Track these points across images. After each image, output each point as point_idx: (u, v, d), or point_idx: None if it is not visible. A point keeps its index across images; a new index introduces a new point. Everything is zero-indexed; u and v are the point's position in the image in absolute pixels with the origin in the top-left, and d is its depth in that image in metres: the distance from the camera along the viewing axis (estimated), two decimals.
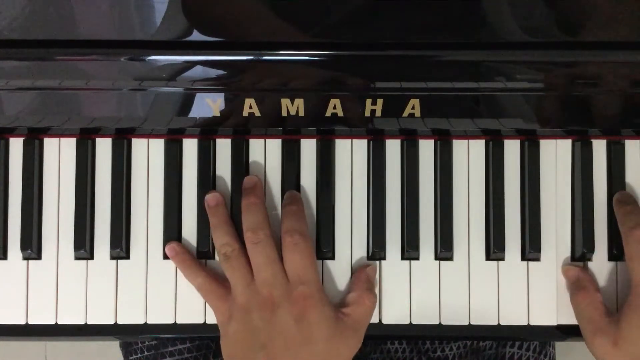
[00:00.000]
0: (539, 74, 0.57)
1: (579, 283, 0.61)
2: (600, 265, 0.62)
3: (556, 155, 0.63)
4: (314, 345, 0.56)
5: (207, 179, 0.62)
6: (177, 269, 0.61)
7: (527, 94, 0.58)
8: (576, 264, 0.62)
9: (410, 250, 0.61)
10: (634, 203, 0.61)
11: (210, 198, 0.61)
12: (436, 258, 0.62)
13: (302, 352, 0.56)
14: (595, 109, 0.59)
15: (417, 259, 0.62)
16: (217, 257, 0.61)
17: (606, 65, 0.57)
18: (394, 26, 0.56)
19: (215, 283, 0.60)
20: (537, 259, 0.62)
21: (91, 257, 0.62)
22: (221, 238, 0.60)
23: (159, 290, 0.62)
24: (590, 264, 0.62)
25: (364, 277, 0.61)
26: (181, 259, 0.61)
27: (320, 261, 0.62)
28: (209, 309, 0.61)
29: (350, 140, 0.62)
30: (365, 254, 0.62)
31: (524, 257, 0.62)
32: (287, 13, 0.56)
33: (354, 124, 0.59)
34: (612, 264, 0.62)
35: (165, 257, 0.62)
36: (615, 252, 0.62)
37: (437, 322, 0.62)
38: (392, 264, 0.62)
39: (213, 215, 0.61)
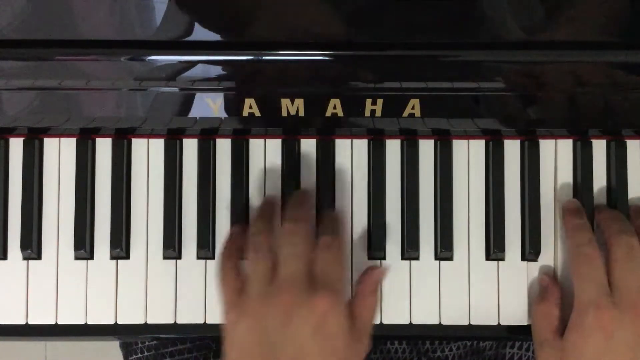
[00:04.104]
0: (539, 74, 0.57)
1: (544, 293, 0.61)
2: None
3: (556, 155, 0.63)
4: (329, 357, 0.53)
5: (207, 179, 0.62)
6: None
7: (526, 94, 0.58)
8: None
9: (410, 250, 0.61)
10: (584, 216, 0.60)
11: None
12: (436, 258, 0.62)
13: None
14: (596, 109, 0.59)
15: (417, 259, 0.62)
16: (217, 258, 0.61)
17: (606, 66, 0.57)
18: (394, 26, 0.56)
19: (235, 274, 0.57)
20: (537, 259, 0.62)
21: (91, 257, 0.62)
22: (258, 226, 0.58)
23: (159, 290, 0.62)
24: None
25: (374, 278, 0.59)
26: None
27: None
28: (210, 309, 0.61)
29: (350, 140, 0.62)
30: (365, 254, 0.62)
31: (524, 257, 0.62)
32: (288, 13, 0.56)
33: (354, 124, 0.59)
34: None
35: (166, 257, 0.62)
36: None
37: (437, 322, 0.62)
38: (392, 264, 0.62)
39: (266, 205, 0.61)
